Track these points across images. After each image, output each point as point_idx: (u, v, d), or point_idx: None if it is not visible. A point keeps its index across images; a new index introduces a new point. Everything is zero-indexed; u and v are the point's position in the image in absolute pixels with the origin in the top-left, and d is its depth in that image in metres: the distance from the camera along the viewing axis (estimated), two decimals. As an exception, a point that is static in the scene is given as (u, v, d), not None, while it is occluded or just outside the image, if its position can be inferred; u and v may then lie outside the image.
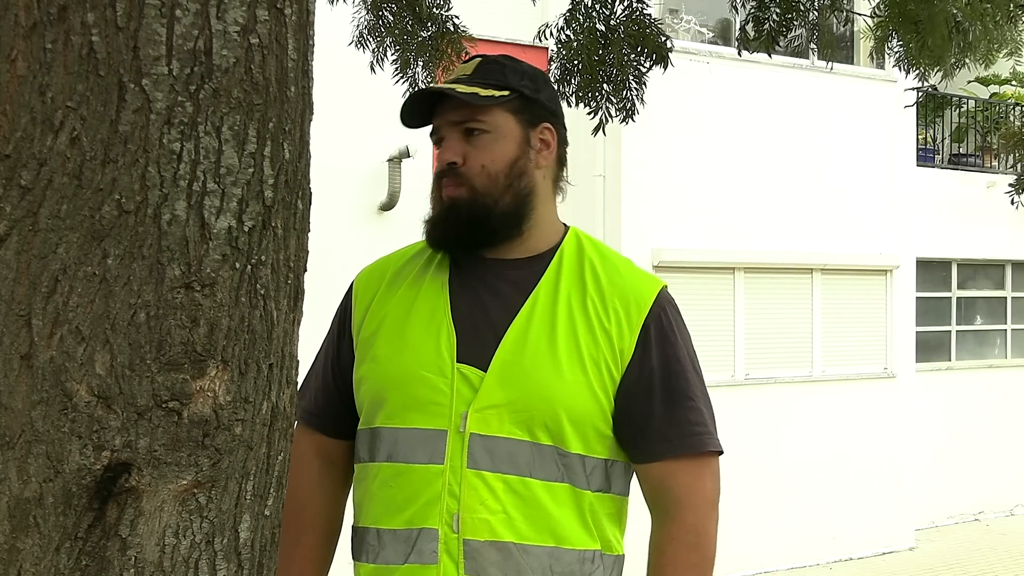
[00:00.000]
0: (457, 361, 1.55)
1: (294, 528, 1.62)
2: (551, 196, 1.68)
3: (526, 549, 1.51)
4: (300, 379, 1.30)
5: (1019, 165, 5.77)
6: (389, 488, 1.56)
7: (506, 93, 1.60)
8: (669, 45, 3.63)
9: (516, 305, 1.59)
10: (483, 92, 1.59)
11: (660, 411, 1.58)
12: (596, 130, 3.72)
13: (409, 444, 1.55)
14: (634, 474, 1.65)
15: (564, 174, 1.71)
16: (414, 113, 1.65)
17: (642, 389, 1.58)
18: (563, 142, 1.69)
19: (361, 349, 1.65)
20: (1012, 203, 5.62)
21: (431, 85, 1.67)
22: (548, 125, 1.65)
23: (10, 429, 1.03)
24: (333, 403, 1.69)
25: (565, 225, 1.70)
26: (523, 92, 1.62)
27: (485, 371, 1.54)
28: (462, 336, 1.57)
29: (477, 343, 1.56)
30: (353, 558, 1.63)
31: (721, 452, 1.62)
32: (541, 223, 1.65)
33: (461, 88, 1.58)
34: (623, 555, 1.63)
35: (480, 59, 1.67)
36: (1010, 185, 5.66)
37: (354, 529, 1.64)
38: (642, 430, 1.58)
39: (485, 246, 1.62)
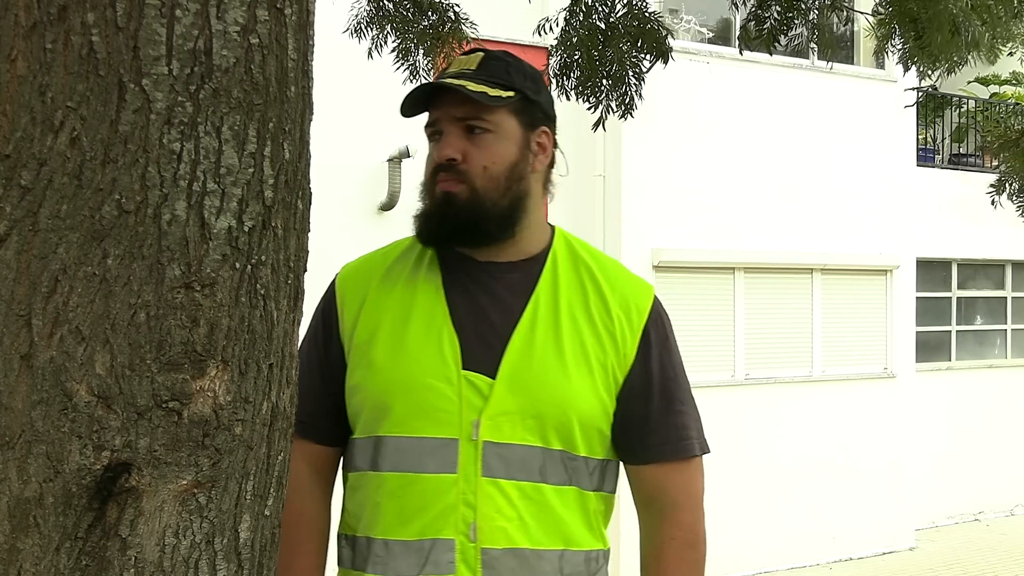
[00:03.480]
0: (463, 368, 1.54)
1: (293, 538, 1.59)
2: (542, 199, 1.67)
3: (540, 554, 1.52)
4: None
5: (1003, 166, 5.75)
6: (397, 498, 1.53)
7: (512, 94, 1.58)
8: (669, 41, 3.63)
9: (516, 309, 1.58)
10: (491, 92, 1.56)
11: (657, 415, 1.60)
12: (596, 125, 3.72)
13: (417, 454, 1.53)
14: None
15: (553, 176, 1.69)
16: (412, 102, 1.61)
17: (642, 393, 1.60)
18: (555, 145, 1.68)
19: (356, 355, 1.61)
20: (993, 204, 5.60)
21: (439, 79, 1.63)
22: (545, 129, 1.64)
23: (10, 429, 1.03)
24: (326, 410, 1.64)
25: (551, 226, 1.70)
26: (526, 94, 1.61)
27: (492, 377, 1.53)
28: (464, 342, 1.55)
29: (480, 349, 1.55)
30: (352, 568, 1.60)
31: (708, 452, 1.66)
32: (532, 225, 1.63)
33: (472, 86, 1.56)
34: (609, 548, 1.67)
35: (483, 54, 1.63)
36: (991, 186, 5.64)
37: (350, 539, 1.61)
38: (640, 433, 1.60)
39: (478, 246, 1.60)
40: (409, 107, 1.62)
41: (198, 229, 1.06)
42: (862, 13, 4.39)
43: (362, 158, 7.07)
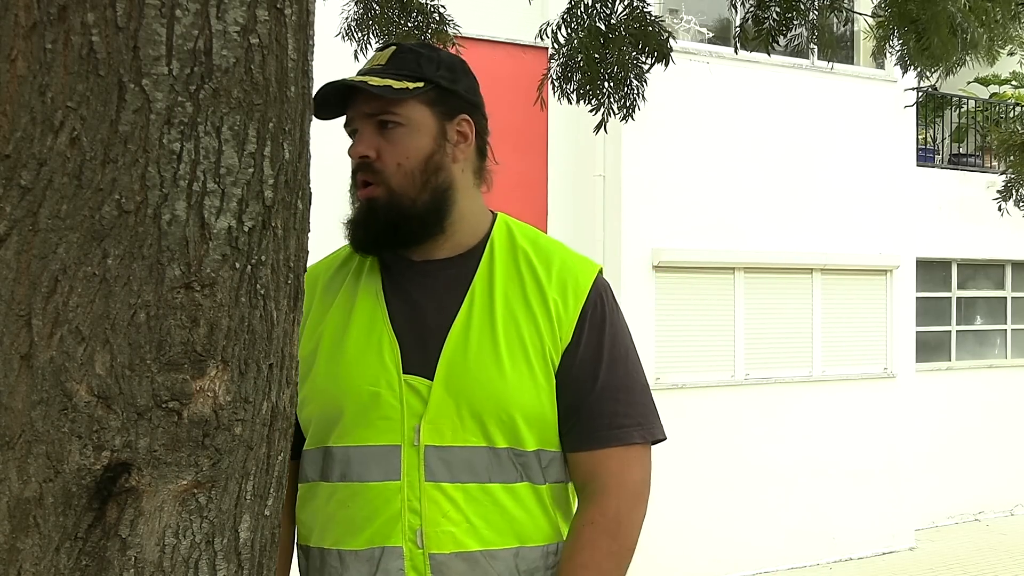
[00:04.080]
0: (403, 372, 1.52)
1: None
2: (473, 188, 1.63)
3: (492, 554, 1.50)
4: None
5: (1010, 170, 5.75)
6: (347, 508, 1.52)
7: (420, 85, 1.55)
8: (670, 43, 3.63)
9: (453, 307, 1.55)
10: (397, 84, 1.54)
11: (593, 400, 1.55)
12: (598, 128, 3.73)
13: (362, 462, 1.51)
14: None
15: (486, 164, 1.66)
16: (327, 104, 1.59)
17: (576, 377, 1.55)
18: (482, 132, 1.63)
19: (301, 368, 1.57)
20: (1000, 210, 5.60)
21: (343, 78, 1.59)
22: (466, 117, 1.60)
23: (10, 429, 1.03)
24: None
25: (493, 213, 1.66)
26: (439, 83, 1.57)
27: (431, 380, 1.51)
28: (405, 345, 1.53)
29: (420, 351, 1.53)
30: None
31: (656, 441, 1.60)
32: (465, 217, 1.60)
33: (374, 81, 1.53)
34: None
35: (395, 48, 1.61)
36: (998, 192, 5.64)
37: (307, 550, 1.60)
38: (574, 418, 1.56)
39: (409, 246, 1.58)
40: (322, 109, 1.59)
41: (198, 229, 1.06)
42: (861, 15, 4.40)
43: (362, 158, 7.05)
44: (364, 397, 1.52)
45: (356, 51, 3.85)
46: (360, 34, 3.79)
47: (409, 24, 3.79)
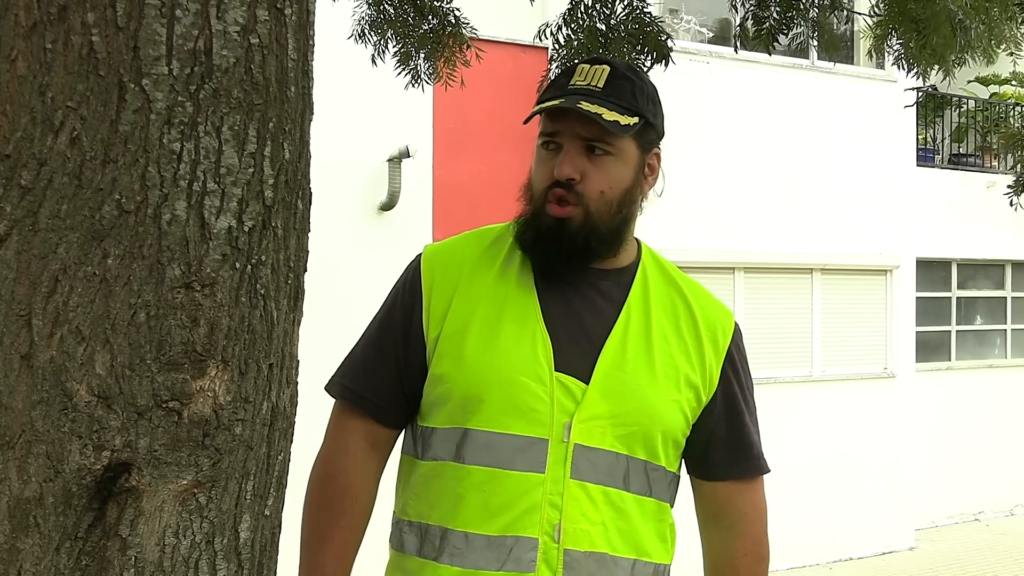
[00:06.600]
0: (555, 369, 1.54)
1: (335, 509, 1.61)
2: (638, 214, 1.67)
3: (616, 561, 1.54)
4: (300, 380, 1.29)
5: (1019, 166, 5.74)
6: (482, 492, 1.53)
7: (636, 120, 1.55)
8: (670, 44, 3.63)
9: (609, 317, 1.59)
10: (623, 119, 1.53)
11: (736, 435, 1.66)
12: (600, 127, 3.72)
13: (507, 450, 1.53)
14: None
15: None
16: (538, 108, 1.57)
17: (723, 414, 1.64)
18: (661, 161, 1.66)
19: (444, 345, 1.58)
20: (1011, 204, 5.62)
21: (572, 97, 1.55)
22: (657, 151, 1.63)
23: (10, 429, 1.03)
24: (393, 393, 1.62)
25: (635, 239, 1.70)
26: (647, 118, 1.58)
27: (584, 381, 1.54)
28: (557, 344, 1.55)
29: (573, 352, 1.56)
30: (418, 556, 1.58)
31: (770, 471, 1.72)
32: (628, 240, 1.65)
33: (607, 115, 1.52)
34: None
35: (610, 70, 1.59)
36: (1009, 187, 5.66)
37: (418, 526, 1.60)
38: (720, 451, 1.65)
39: (589, 265, 1.61)
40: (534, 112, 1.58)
41: (198, 229, 1.06)
42: (860, 14, 4.39)
43: (362, 158, 7.07)
44: (513, 386, 1.54)
45: (373, 56, 3.83)
46: (377, 37, 3.78)
47: (425, 27, 3.78)
